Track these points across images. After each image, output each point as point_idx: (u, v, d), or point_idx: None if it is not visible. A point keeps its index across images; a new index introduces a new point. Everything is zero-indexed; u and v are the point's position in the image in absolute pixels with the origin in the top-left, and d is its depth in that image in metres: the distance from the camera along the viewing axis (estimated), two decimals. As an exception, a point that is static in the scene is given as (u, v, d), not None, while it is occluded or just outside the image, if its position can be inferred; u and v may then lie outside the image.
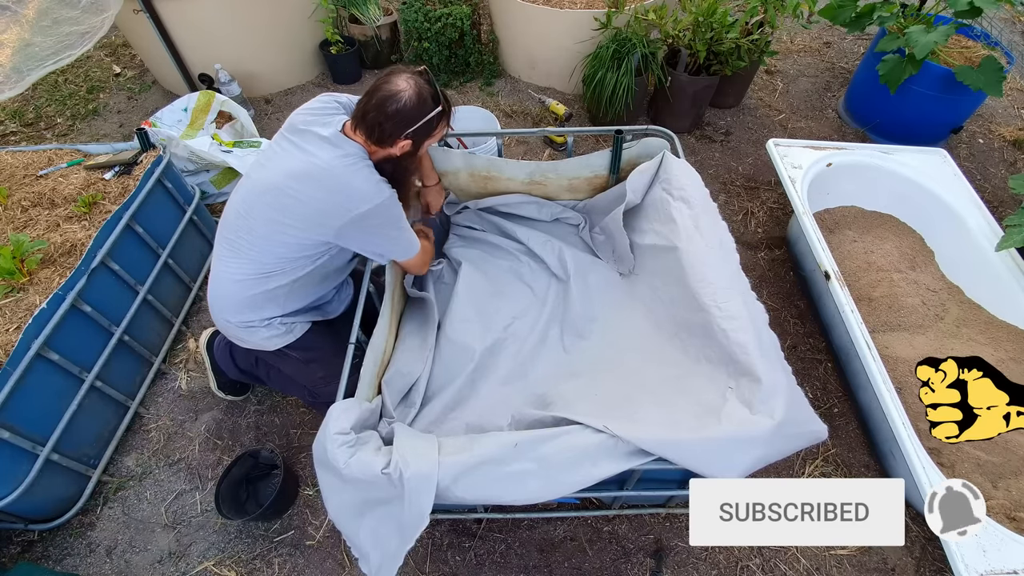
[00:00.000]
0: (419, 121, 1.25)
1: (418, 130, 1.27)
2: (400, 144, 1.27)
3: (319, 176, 1.23)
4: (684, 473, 1.26)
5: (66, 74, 3.30)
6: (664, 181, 1.67)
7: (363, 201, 1.25)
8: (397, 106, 1.22)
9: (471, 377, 1.58)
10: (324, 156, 1.24)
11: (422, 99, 1.24)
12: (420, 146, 1.33)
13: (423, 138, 1.31)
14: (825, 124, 2.92)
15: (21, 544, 1.56)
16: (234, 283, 1.34)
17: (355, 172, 1.25)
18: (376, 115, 1.23)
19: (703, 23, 2.46)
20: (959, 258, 2.01)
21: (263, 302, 1.37)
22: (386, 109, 1.22)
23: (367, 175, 1.26)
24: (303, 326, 1.48)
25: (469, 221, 1.93)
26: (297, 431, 1.78)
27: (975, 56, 2.48)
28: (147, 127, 2.11)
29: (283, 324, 1.43)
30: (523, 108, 3.01)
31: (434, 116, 1.27)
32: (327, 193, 1.24)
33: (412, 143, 1.29)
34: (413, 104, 1.23)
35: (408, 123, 1.25)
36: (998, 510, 1.43)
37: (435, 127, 1.31)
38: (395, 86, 1.23)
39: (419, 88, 1.24)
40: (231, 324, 1.40)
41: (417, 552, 1.53)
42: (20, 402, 1.39)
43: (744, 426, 1.09)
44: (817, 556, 1.53)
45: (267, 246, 1.30)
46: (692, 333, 1.43)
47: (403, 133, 1.25)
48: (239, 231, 1.32)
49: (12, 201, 1.75)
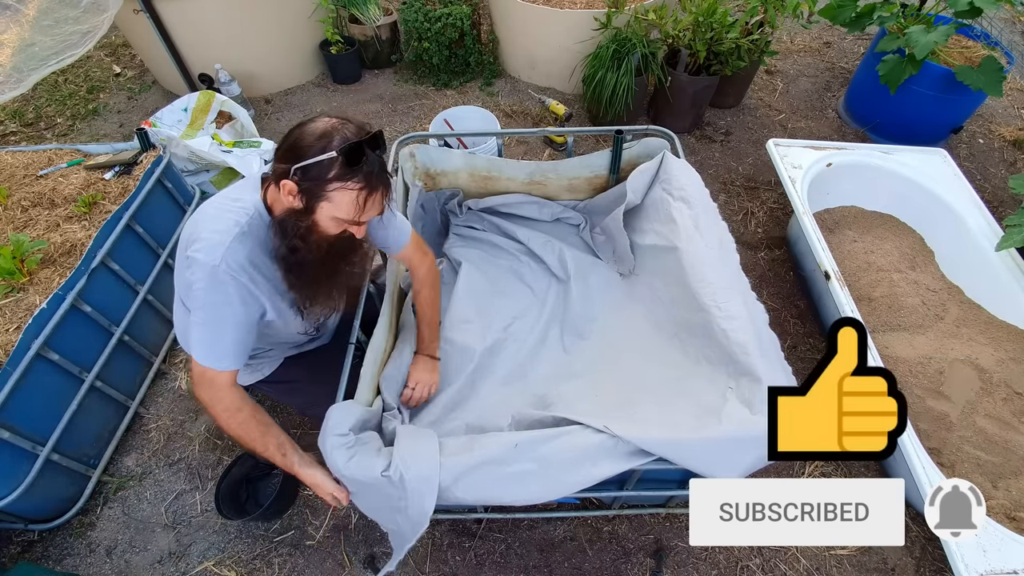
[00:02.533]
0: (308, 156, 0.96)
1: (308, 170, 0.97)
2: (286, 187, 0.99)
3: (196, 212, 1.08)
4: (684, 473, 1.26)
5: (66, 74, 3.30)
6: (664, 181, 1.67)
7: (191, 244, 1.02)
8: (296, 132, 1.00)
9: (471, 378, 1.58)
10: (220, 194, 1.09)
11: (325, 136, 0.97)
12: (314, 204, 1.00)
13: (315, 189, 0.98)
14: (825, 124, 2.92)
15: (21, 544, 1.56)
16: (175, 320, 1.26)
17: (213, 218, 1.03)
18: (279, 145, 1.03)
19: (703, 23, 2.46)
20: (959, 258, 2.01)
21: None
22: (287, 137, 1.01)
23: (222, 227, 1.01)
24: (273, 363, 1.39)
25: (469, 221, 1.94)
26: (297, 431, 1.78)
27: (975, 56, 2.48)
28: (147, 127, 2.11)
29: (247, 367, 1.33)
30: (523, 108, 3.01)
31: (327, 159, 0.95)
32: (186, 230, 1.07)
33: (300, 191, 0.99)
34: (312, 135, 0.98)
35: (296, 154, 0.97)
36: (998, 510, 1.43)
37: (329, 177, 0.97)
38: (314, 119, 1.02)
39: (334, 128, 0.99)
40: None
41: (417, 552, 1.53)
42: (20, 402, 1.39)
43: (744, 426, 1.09)
44: (817, 556, 1.53)
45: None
46: (692, 333, 1.43)
47: (289, 166, 0.97)
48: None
49: (12, 201, 1.74)
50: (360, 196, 1.00)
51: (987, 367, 1.71)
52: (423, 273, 1.47)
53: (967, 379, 1.69)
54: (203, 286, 1.01)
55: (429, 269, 1.48)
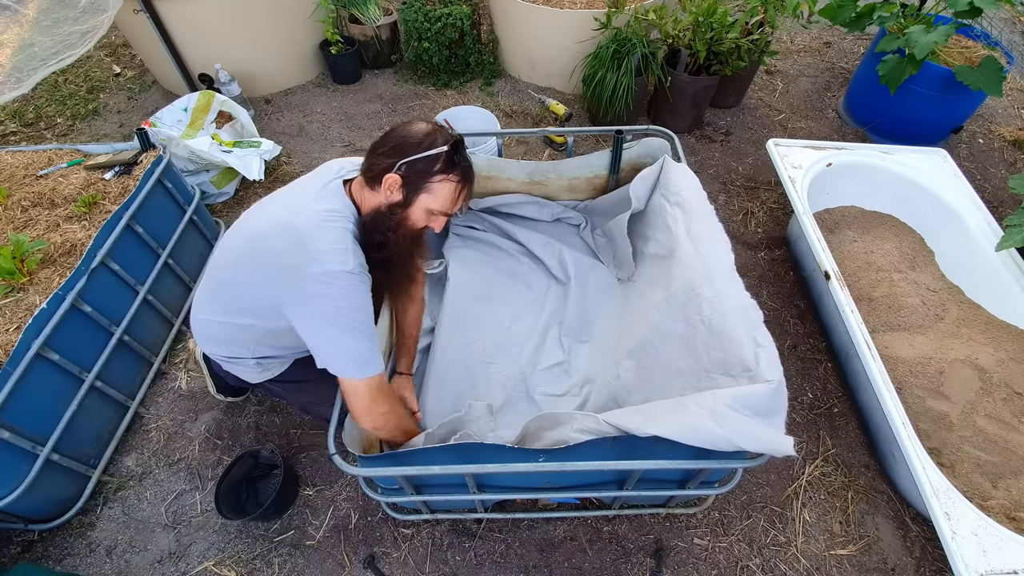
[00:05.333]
0: (417, 152, 1.06)
1: (414, 164, 1.06)
2: (388, 181, 1.07)
3: (289, 228, 1.07)
4: (684, 473, 1.27)
5: (66, 74, 3.30)
6: (663, 187, 1.67)
7: (315, 261, 1.02)
8: (400, 132, 1.09)
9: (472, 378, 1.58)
10: (306, 208, 1.09)
11: (430, 135, 1.08)
12: (413, 197, 1.09)
13: (419, 182, 1.08)
14: (825, 124, 2.92)
15: (21, 544, 1.56)
16: (199, 320, 1.30)
17: (325, 229, 1.05)
18: (377, 145, 1.10)
19: (703, 23, 2.46)
20: (959, 258, 2.01)
21: (228, 341, 1.30)
22: (388, 137, 1.10)
23: (338, 236, 1.05)
24: (284, 363, 1.41)
25: (469, 221, 1.94)
26: (297, 431, 1.78)
27: (975, 56, 2.48)
28: (147, 127, 2.11)
29: (259, 364, 1.35)
30: (523, 108, 3.01)
31: (436, 154, 1.07)
32: (288, 247, 1.06)
33: (403, 185, 1.08)
34: (419, 134, 1.08)
35: (403, 150, 1.06)
36: (998, 510, 1.43)
37: (435, 170, 1.08)
38: (412, 122, 1.10)
39: (436, 129, 1.09)
40: (211, 354, 1.37)
41: (417, 552, 1.53)
42: (20, 402, 1.39)
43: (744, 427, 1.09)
44: (817, 556, 1.53)
45: (229, 295, 1.21)
46: (687, 338, 1.42)
47: (395, 163, 1.06)
48: (213, 271, 1.27)
49: (12, 201, 1.74)
50: (458, 188, 1.12)
51: (987, 367, 1.71)
52: (414, 290, 1.50)
53: (967, 379, 1.69)
54: (347, 292, 1.03)
55: (418, 286, 1.51)
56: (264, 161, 2.44)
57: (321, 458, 1.71)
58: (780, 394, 1.04)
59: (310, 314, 1.04)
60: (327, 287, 1.02)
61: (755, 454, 1.07)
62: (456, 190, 1.12)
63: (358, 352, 1.06)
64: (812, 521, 1.60)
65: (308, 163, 2.71)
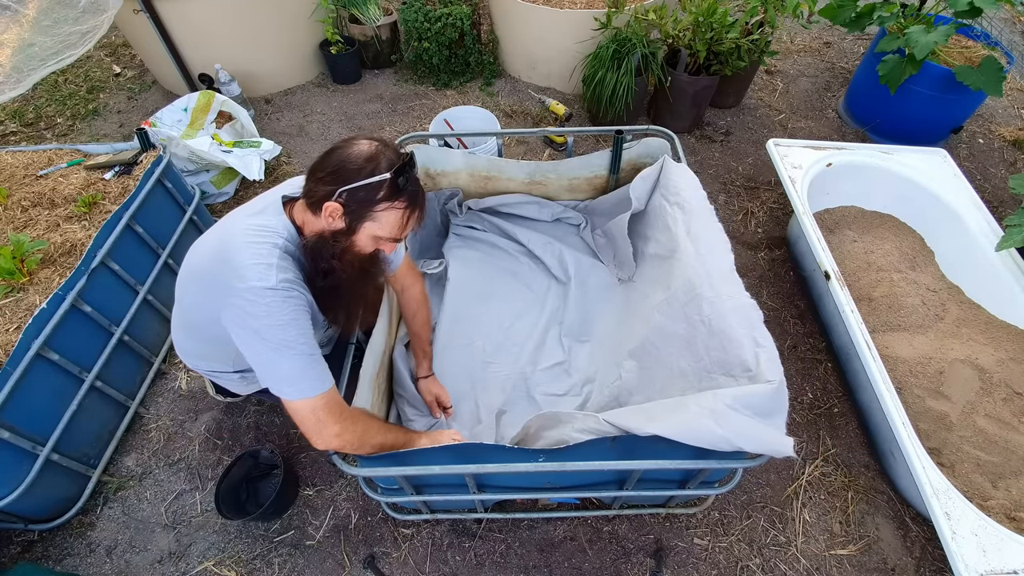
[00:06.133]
0: (357, 179, 0.98)
1: (355, 193, 0.99)
2: (329, 209, 1.00)
3: (219, 243, 1.05)
4: (684, 473, 1.27)
5: (66, 74, 3.30)
6: (663, 187, 1.67)
7: (238, 277, 0.98)
8: (340, 155, 1.01)
9: (471, 378, 1.58)
10: (238, 224, 1.06)
11: (372, 159, 0.99)
12: (356, 225, 1.03)
13: (361, 210, 1.01)
14: (825, 124, 2.92)
15: (21, 544, 1.56)
16: (177, 338, 1.30)
17: (250, 244, 1.01)
18: (316, 168, 1.03)
19: (703, 23, 2.46)
20: (959, 258, 2.01)
21: (207, 357, 1.29)
22: (328, 160, 1.02)
23: (262, 251, 1.01)
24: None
25: (469, 221, 1.94)
26: (297, 431, 1.77)
27: (975, 56, 2.48)
28: (147, 127, 2.11)
29: (243, 378, 1.34)
30: (523, 108, 3.01)
31: (377, 182, 0.99)
32: (217, 261, 1.03)
33: (344, 213, 1.01)
34: (359, 158, 0.99)
35: (343, 177, 0.99)
36: (998, 510, 1.43)
37: (378, 199, 1.00)
38: (353, 142, 1.02)
39: (379, 151, 1.01)
40: (195, 368, 1.37)
41: (417, 552, 1.53)
42: (20, 402, 1.39)
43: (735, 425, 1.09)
44: (817, 556, 1.53)
45: (184, 312, 1.20)
46: (687, 338, 1.42)
47: (334, 190, 0.99)
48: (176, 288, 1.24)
49: (12, 201, 1.74)
50: (405, 214, 1.05)
51: (987, 367, 1.71)
52: (418, 293, 1.50)
53: (967, 379, 1.69)
54: (271, 309, 0.98)
55: (421, 289, 1.51)
56: (264, 161, 2.44)
57: (321, 458, 1.71)
58: (781, 394, 1.04)
59: (242, 330, 1.01)
60: (251, 304, 0.98)
61: (755, 454, 1.07)
62: (403, 217, 1.05)
63: (290, 371, 1.01)
64: (812, 521, 1.60)
65: (308, 163, 2.70)
